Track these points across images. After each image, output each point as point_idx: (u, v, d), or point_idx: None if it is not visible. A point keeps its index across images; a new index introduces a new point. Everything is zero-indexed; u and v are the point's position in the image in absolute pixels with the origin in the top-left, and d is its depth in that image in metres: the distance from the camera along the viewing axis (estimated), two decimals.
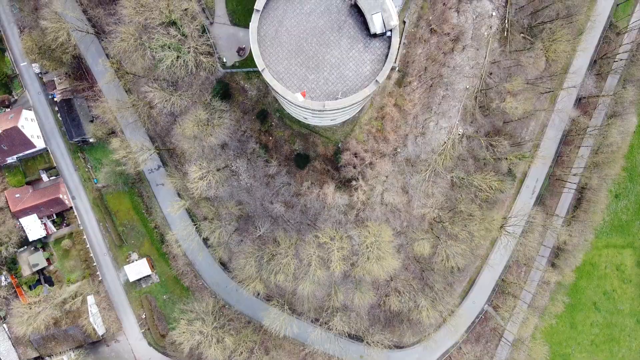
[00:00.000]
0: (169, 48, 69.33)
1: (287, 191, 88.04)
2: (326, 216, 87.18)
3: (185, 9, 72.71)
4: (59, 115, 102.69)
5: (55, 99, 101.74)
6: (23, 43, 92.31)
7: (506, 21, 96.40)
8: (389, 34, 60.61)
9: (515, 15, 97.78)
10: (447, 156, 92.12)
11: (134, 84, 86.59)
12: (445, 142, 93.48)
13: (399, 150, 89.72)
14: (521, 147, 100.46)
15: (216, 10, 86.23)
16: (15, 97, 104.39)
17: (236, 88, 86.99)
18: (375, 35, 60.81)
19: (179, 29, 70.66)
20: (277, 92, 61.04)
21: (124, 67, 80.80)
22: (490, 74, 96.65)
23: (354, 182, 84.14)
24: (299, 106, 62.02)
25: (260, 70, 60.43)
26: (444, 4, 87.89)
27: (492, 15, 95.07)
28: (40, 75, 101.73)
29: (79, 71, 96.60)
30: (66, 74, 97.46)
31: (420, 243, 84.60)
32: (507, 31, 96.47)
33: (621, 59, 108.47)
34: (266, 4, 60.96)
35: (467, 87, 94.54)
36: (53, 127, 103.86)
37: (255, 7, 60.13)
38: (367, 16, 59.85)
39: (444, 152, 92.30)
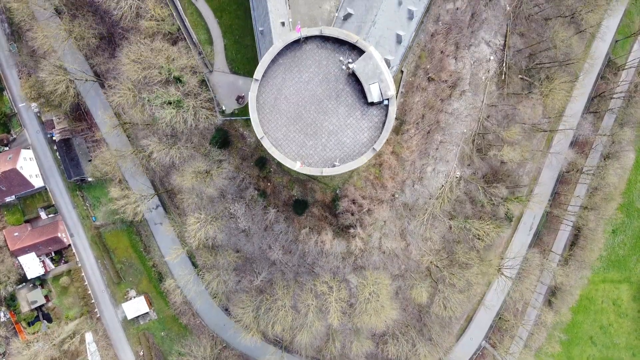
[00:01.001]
0: (169, 105, 69.58)
1: (285, 237, 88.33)
2: (324, 262, 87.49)
3: (184, 67, 72.90)
4: (57, 154, 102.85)
5: (54, 138, 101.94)
6: (22, 89, 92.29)
7: (504, 65, 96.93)
8: (386, 102, 61.03)
9: (513, 57, 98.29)
10: (445, 200, 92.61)
11: (133, 129, 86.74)
12: (443, 186, 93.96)
13: (396, 195, 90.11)
14: (518, 186, 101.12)
15: (215, 59, 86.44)
16: (14, 136, 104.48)
17: (235, 135, 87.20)
18: (372, 104, 61.26)
19: (179, 86, 70.92)
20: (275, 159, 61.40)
21: (124, 119, 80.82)
22: (488, 116, 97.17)
23: (352, 230, 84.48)
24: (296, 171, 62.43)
25: (259, 138, 60.80)
26: (441, 52, 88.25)
27: (489, 59, 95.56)
28: (38, 115, 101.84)
29: (78, 112, 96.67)
30: (65, 114, 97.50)
31: (418, 290, 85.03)
32: (505, 74, 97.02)
33: (618, 98, 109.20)
34: (265, 72, 61.34)
35: (465, 130, 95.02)
36: (52, 165, 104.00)
37: (254, 77, 60.50)
38: (365, 86, 60.29)
39: (442, 196, 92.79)
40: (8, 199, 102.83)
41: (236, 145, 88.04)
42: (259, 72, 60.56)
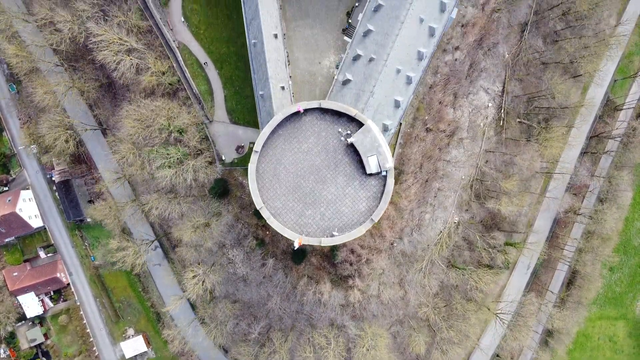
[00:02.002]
0: (169, 167, 70.03)
1: (284, 285, 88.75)
2: (322, 311, 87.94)
3: (185, 125, 73.35)
4: (57, 194, 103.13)
5: (53, 179, 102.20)
6: (21, 136, 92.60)
7: (502, 110, 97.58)
8: (384, 173, 61.51)
9: (512, 102, 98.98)
10: (444, 246, 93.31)
11: (134, 179, 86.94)
12: (441, 232, 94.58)
13: (395, 244, 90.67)
14: (515, 231, 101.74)
15: (215, 109, 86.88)
16: (14, 176, 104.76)
17: (234, 184, 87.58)
18: (371, 174, 61.72)
19: (179, 146, 71.37)
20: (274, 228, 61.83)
21: (125, 172, 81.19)
22: (486, 162, 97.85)
23: (350, 281, 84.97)
24: None
25: (257, 208, 61.24)
26: (439, 102, 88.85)
27: (488, 106, 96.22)
28: (38, 155, 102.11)
29: (78, 155, 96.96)
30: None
31: (416, 340, 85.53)
32: (503, 120, 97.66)
33: (616, 140, 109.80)
34: (265, 143, 61.79)
35: (463, 177, 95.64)
36: (51, 205, 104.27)
37: (254, 149, 60.94)
38: (364, 158, 60.77)
39: (440, 242, 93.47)
40: (7, 240, 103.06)
41: (235, 194, 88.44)
42: (258, 144, 61.01)
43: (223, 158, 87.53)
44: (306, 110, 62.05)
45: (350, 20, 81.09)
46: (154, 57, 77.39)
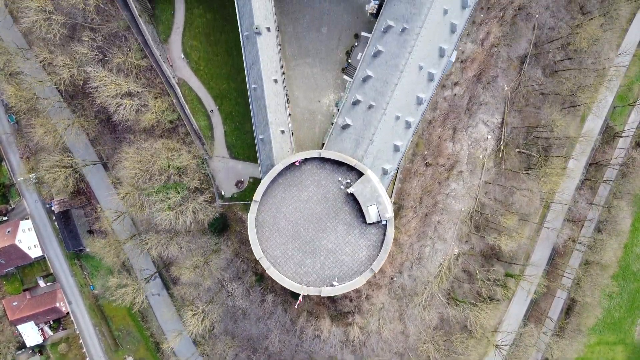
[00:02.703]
0: (169, 209, 70.13)
1: (283, 320, 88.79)
2: (321, 347, 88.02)
3: (185, 166, 73.54)
4: (56, 224, 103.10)
5: (52, 209, 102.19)
6: (21, 169, 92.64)
7: (502, 142, 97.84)
8: (384, 222, 61.67)
9: (511, 133, 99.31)
10: (443, 279, 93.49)
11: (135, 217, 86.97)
12: (441, 264, 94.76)
13: (395, 278, 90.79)
14: (515, 262, 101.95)
15: (215, 145, 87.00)
16: (13, 206, 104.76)
17: (233, 219, 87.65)
18: (371, 223, 61.89)
19: (179, 189, 71.53)
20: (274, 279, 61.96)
21: (125, 211, 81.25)
22: (486, 192, 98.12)
23: (350, 317, 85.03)
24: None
25: (257, 258, 61.35)
26: (439, 137, 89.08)
27: (487, 138, 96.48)
28: (37, 185, 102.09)
29: (78, 186, 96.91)
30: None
31: None
32: (503, 151, 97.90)
33: (614, 168, 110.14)
34: (264, 192, 61.93)
35: (462, 209, 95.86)
36: (50, 235, 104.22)
37: (253, 199, 61.09)
38: (364, 208, 60.94)
39: (440, 274, 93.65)
40: (7, 270, 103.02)
41: (234, 228, 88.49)
42: (258, 194, 61.19)
43: (223, 193, 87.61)
44: (306, 160, 62.18)
45: (349, 60, 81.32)
46: (153, 96, 77.47)
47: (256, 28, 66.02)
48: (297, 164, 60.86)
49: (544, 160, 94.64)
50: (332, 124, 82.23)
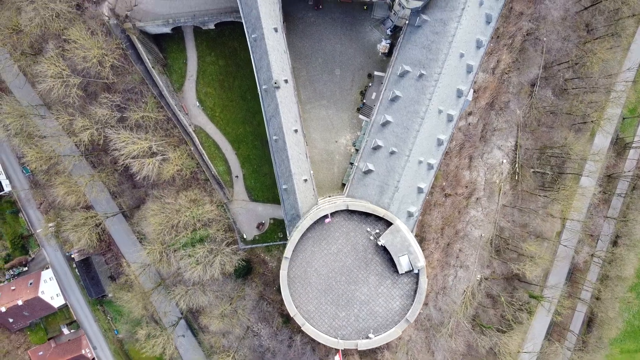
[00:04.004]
0: (197, 263, 70.44)
1: (313, 359, 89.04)
2: None
3: (210, 220, 73.84)
4: (77, 271, 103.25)
5: (72, 257, 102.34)
6: (42, 225, 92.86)
7: (517, 164, 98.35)
8: (416, 271, 62.02)
9: (525, 154, 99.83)
10: (468, 305, 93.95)
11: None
12: (464, 291, 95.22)
13: (421, 311, 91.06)
14: (534, 283, 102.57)
15: (235, 188, 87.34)
16: (33, 256, 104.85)
17: (257, 261, 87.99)
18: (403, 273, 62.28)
19: (205, 244, 71.86)
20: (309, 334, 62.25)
21: (150, 263, 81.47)
22: (504, 215, 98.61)
23: (379, 354, 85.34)
24: None
25: (291, 315, 61.63)
26: (456, 167, 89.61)
27: (502, 162, 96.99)
28: (56, 234, 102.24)
29: (100, 237, 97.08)
30: None
31: None
32: (518, 174, 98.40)
33: (626, 180, 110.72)
34: (294, 247, 62.25)
35: (482, 234, 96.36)
36: (72, 282, 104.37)
37: (284, 255, 61.40)
38: (395, 258, 61.33)
39: (465, 301, 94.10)
40: (31, 321, 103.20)
41: (258, 270, 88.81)
42: (288, 251, 61.47)
43: (244, 236, 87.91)
44: (333, 213, 62.51)
45: (364, 100, 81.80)
46: (172, 147, 77.84)
47: (275, 83, 66.36)
48: (327, 221, 61.10)
49: (557, 177, 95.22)
50: (351, 164, 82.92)
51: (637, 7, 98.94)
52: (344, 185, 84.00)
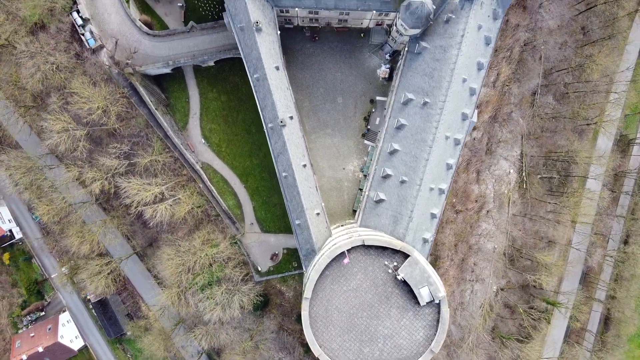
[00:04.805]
0: (216, 305, 70.64)
1: None
2: None
3: (227, 258, 74.05)
4: (93, 311, 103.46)
5: (88, 298, 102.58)
6: (53, 267, 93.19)
7: (524, 172, 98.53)
8: (437, 301, 62.17)
9: (531, 161, 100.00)
10: (487, 317, 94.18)
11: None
12: (482, 304, 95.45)
13: None
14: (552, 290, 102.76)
15: (246, 221, 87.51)
16: (49, 300, 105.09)
17: (273, 292, 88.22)
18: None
19: (222, 284, 72.04)
20: None
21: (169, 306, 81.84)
22: (515, 224, 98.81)
23: None
24: None
25: (316, 355, 61.77)
26: (464, 182, 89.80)
27: (509, 172, 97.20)
28: (70, 276, 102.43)
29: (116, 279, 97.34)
30: None
31: None
32: (526, 182, 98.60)
33: (632, 178, 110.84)
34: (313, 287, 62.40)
35: (495, 246, 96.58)
36: (90, 323, 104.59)
37: (304, 296, 61.56)
38: (415, 290, 61.45)
39: (483, 314, 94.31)
40: None
41: (275, 301, 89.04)
42: (308, 291, 61.63)
43: (259, 268, 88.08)
44: (350, 249, 62.65)
45: (368, 126, 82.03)
46: (181, 186, 78.13)
47: (281, 121, 66.54)
48: (346, 262, 61.27)
49: (564, 179, 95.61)
50: (360, 189, 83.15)
51: (630, 6, 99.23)
52: (354, 211, 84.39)
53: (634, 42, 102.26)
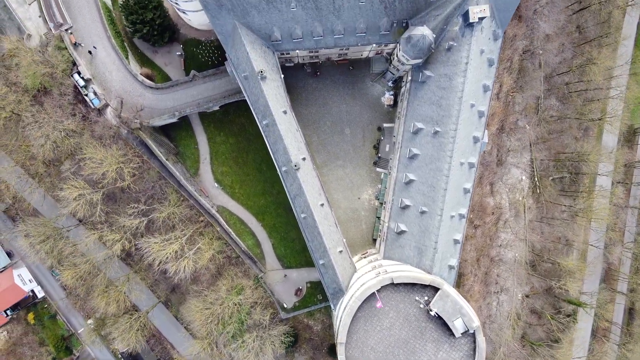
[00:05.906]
0: (248, 352, 70.78)
1: None
2: None
3: (253, 304, 74.17)
4: None
5: (117, 347, 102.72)
6: (79, 322, 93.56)
7: (536, 177, 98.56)
8: (472, 331, 62.20)
9: (541, 165, 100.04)
10: (515, 326, 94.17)
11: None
12: (509, 314, 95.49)
13: None
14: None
15: (266, 259, 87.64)
16: (77, 354, 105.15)
17: (301, 327, 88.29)
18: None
19: (251, 328, 72.24)
20: None
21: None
22: (532, 229, 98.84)
23: None
24: None
25: None
26: (479, 196, 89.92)
27: (521, 179, 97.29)
28: (98, 332, 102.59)
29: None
30: None
31: None
32: (539, 187, 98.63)
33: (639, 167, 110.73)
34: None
35: (516, 255, 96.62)
36: None
37: (338, 341, 61.62)
38: (449, 323, 61.47)
39: (511, 324, 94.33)
40: None
41: (304, 336, 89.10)
42: (342, 335, 61.62)
43: (285, 305, 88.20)
44: (379, 289, 62.69)
45: (379, 154, 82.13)
46: (200, 234, 78.23)
47: (295, 165, 66.59)
48: (379, 306, 61.34)
49: (575, 177, 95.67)
50: (378, 218, 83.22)
51: (621, 2, 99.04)
52: (374, 240, 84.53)
53: (631, 37, 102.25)
